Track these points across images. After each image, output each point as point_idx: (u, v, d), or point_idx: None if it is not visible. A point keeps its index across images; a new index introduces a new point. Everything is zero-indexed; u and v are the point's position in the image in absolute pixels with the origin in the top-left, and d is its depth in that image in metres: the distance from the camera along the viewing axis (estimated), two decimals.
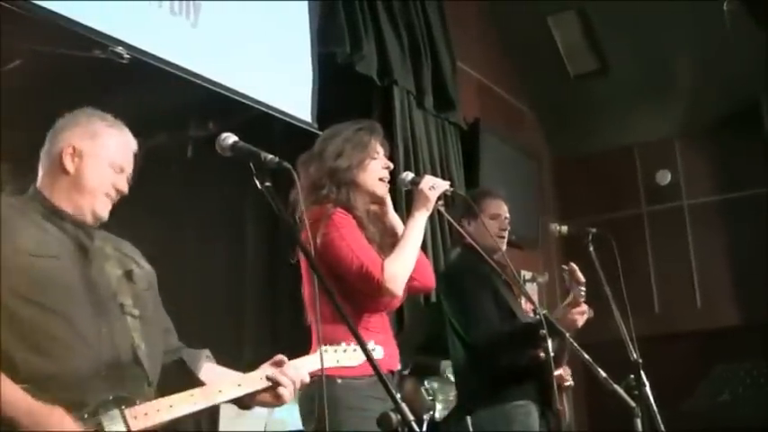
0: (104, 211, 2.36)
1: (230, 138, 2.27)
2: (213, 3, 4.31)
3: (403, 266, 3.06)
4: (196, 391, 2.28)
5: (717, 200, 7.84)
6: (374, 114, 5.48)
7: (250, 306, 5.52)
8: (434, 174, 5.02)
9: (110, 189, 2.36)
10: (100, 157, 2.36)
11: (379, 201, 3.24)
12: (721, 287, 7.64)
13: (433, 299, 5.06)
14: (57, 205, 2.31)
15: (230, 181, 4.76)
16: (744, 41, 6.76)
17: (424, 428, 4.66)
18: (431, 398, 4.78)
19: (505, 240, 4.03)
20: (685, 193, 7.99)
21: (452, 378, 4.39)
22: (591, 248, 3.91)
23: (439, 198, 3.23)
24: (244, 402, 2.41)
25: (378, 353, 2.73)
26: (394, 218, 3.31)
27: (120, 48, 3.75)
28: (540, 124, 8.43)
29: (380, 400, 2.88)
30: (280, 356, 2.43)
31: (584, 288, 3.74)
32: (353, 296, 3.01)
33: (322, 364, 2.31)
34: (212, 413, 4.92)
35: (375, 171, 3.20)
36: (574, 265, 3.76)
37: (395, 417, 1.93)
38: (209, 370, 2.50)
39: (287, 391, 2.39)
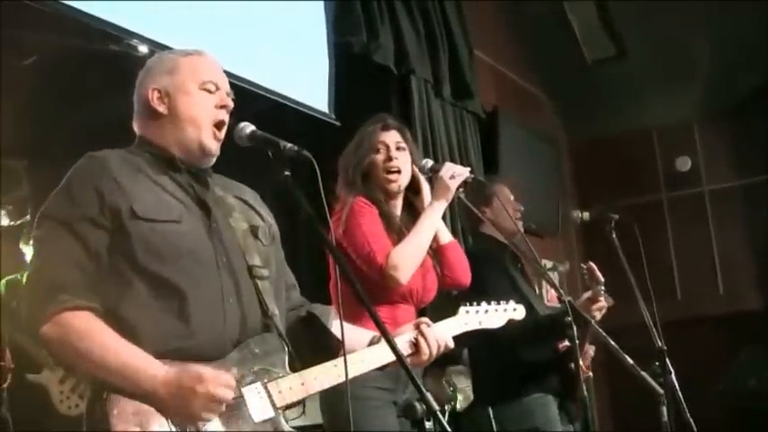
0: (213, 142, 2.22)
1: (248, 127, 2.24)
2: None
3: (409, 255, 3.06)
4: (339, 361, 2.13)
5: (737, 185, 7.78)
6: (392, 104, 5.46)
7: None
8: (454, 163, 4.99)
9: (214, 114, 2.21)
10: (188, 84, 2.21)
11: (388, 189, 3.23)
12: (743, 272, 7.59)
13: None
14: (166, 148, 2.19)
15: (247, 173, 4.75)
16: (763, 24, 6.70)
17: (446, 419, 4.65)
18: (451, 389, 4.76)
19: (521, 224, 3.99)
20: (705, 178, 7.93)
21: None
22: (613, 235, 3.87)
23: (460, 186, 3.21)
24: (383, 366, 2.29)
25: (520, 312, 2.82)
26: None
27: (136, 40, 3.74)
28: (558, 111, 8.38)
29: (388, 391, 2.89)
30: (424, 319, 2.39)
31: (603, 286, 3.73)
32: (369, 286, 2.97)
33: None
34: None
35: (379, 165, 3.22)
36: (592, 265, 3.75)
37: (419, 406, 1.91)
38: (339, 327, 2.31)
39: (425, 357, 2.34)
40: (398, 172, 3.22)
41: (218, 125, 2.22)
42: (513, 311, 2.79)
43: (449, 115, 5.91)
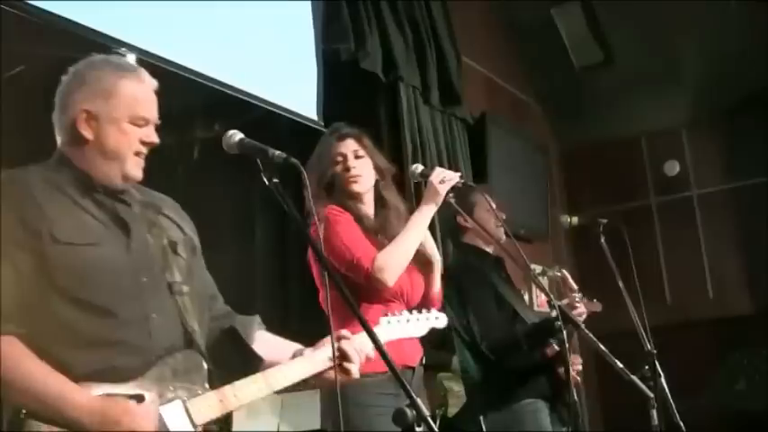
0: (136, 170, 2.19)
1: (236, 135, 2.25)
2: (216, 2, 4.29)
3: (396, 257, 3.09)
4: (258, 376, 2.15)
5: (726, 188, 7.79)
6: (380, 111, 5.48)
7: (261, 305, 5.51)
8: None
9: (138, 146, 2.17)
10: (119, 115, 2.15)
11: (355, 196, 3.27)
12: (733, 276, 7.60)
13: None
14: (87, 172, 2.15)
15: (238, 181, 4.76)
16: (750, 28, 6.73)
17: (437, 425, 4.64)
18: (443, 394, 4.77)
19: (502, 232, 3.98)
20: (694, 182, 7.95)
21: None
22: (602, 239, 3.89)
23: (450, 191, 3.23)
24: (308, 383, 2.29)
25: (442, 321, 2.78)
26: (436, 283, 3.35)
27: (123, 49, 3.73)
28: (547, 117, 8.40)
29: (393, 396, 2.88)
30: (343, 331, 2.31)
31: (578, 294, 3.76)
32: (358, 289, 3.03)
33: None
34: (226, 415, 4.93)
35: (341, 176, 3.26)
36: (566, 273, 3.79)
37: (410, 412, 1.91)
38: (263, 340, 2.36)
39: (355, 366, 2.28)
40: (359, 177, 3.26)
41: (139, 153, 2.20)
42: (436, 320, 2.78)
43: (437, 121, 5.91)
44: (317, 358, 2.26)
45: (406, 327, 2.62)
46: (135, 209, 2.22)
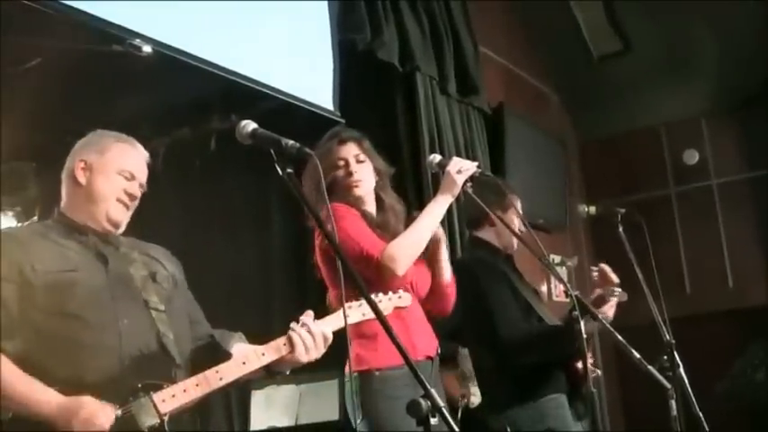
0: (119, 215, 2.52)
1: (250, 125, 2.25)
2: None
3: (406, 246, 3.06)
4: (221, 366, 2.36)
5: (746, 178, 7.73)
6: (397, 101, 5.46)
7: (278, 294, 5.53)
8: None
9: (121, 194, 2.51)
10: (108, 166, 2.52)
11: (359, 200, 3.26)
12: (753, 266, 7.54)
13: None
14: (75, 220, 2.50)
15: (255, 171, 4.76)
16: None
17: (459, 416, 4.63)
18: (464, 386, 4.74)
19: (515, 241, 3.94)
20: (713, 171, 7.89)
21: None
22: (620, 229, 3.86)
23: (467, 181, 3.20)
24: (272, 370, 2.47)
25: (405, 300, 2.78)
26: (445, 264, 3.34)
27: (138, 40, 3.74)
28: (565, 107, 8.35)
29: (417, 387, 2.87)
30: (305, 314, 2.50)
31: (617, 289, 3.69)
32: (370, 281, 2.98)
33: (346, 322, 2.36)
34: (244, 407, 4.95)
35: (341, 181, 3.24)
36: (605, 267, 3.71)
37: (425, 403, 1.90)
38: (240, 348, 2.54)
39: (299, 348, 2.42)
40: (361, 181, 3.26)
41: (120, 200, 2.52)
42: (399, 299, 2.77)
43: (454, 112, 5.89)
44: (276, 344, 2.45)
45: (367, 309, 2.56)
46: (122, 249, 2.53)
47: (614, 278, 3.70)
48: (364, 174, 3.27)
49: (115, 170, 2.52)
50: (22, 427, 2.21)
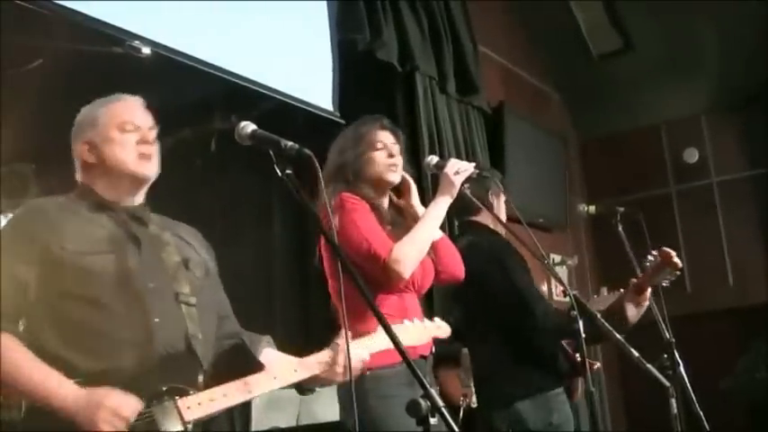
0: (145, 168, 2.38)
1: (249, 126, 2.26)
2: None
3: (412, 249, 3.05)
4: (250, 378, 2.26)
5: (746, 176, 7.74)
6: (397, 101, 5.46)
7: (280, 295, 5.53)
8: (459, 159, 4.98)
9: (137, 149, 2.37)
10: (108, 131, 2.37)
11: (385, 186, 3.23)
12: (754, 264, 7.55)
13: None
14: (101, 195, 2.36)
15: (256, 172, 4.76)
16: None
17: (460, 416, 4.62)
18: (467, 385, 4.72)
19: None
20: (714, 170, 7.89)
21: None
22: (620, 228, 3.86)
23: (465, 181, 3.21)
24: (302, 386, 2.42)
25: (444, 330, 2.79)
26: (419, 208, 3.30)
27: (138, 42, 3.74)
28: (566, 105, 8.36)
29: (410, 386, 2.88)
30: (337, 339, 2.42)
31: (678, 272, 3.64)
32: (369, 282, 2.97)
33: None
34: (246, 408, 4.95)
35: (380, 161, 3.20)
36: (669, 250, 3.63)
37: (424, 403, 1.90)
38: (269, 355, 2.47)
39: (340, 369, 2.38)
40: (398, 167, 3.23)
41: (142, 155, 2.38)
42: (437, 329, 2.79)
43: (454, 111, 5.89)
44: (309, 362, 2.38)
45: (405, 336, 2.58)
46: (152, 229, 2.39)
47: (678, 262, 3.65)
48: (400, 161, 3.26)
49: (116, 129, 2.37)
50: (38, 422, 2.09)
